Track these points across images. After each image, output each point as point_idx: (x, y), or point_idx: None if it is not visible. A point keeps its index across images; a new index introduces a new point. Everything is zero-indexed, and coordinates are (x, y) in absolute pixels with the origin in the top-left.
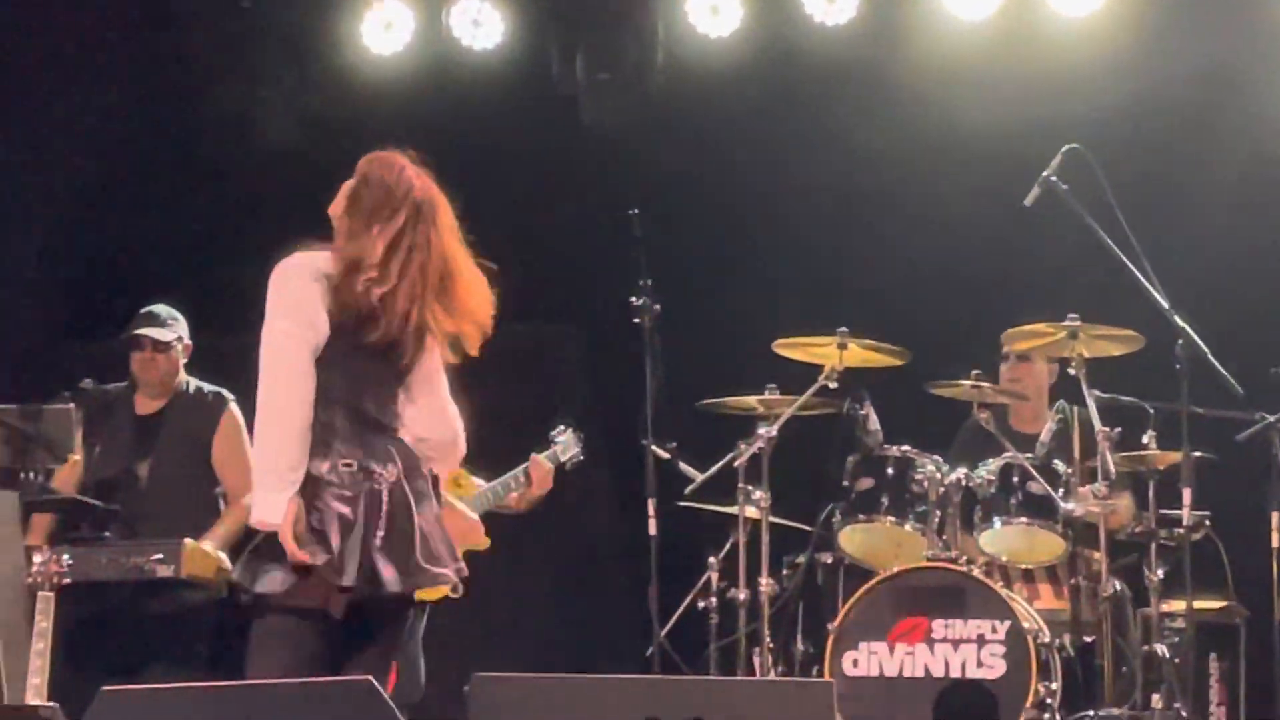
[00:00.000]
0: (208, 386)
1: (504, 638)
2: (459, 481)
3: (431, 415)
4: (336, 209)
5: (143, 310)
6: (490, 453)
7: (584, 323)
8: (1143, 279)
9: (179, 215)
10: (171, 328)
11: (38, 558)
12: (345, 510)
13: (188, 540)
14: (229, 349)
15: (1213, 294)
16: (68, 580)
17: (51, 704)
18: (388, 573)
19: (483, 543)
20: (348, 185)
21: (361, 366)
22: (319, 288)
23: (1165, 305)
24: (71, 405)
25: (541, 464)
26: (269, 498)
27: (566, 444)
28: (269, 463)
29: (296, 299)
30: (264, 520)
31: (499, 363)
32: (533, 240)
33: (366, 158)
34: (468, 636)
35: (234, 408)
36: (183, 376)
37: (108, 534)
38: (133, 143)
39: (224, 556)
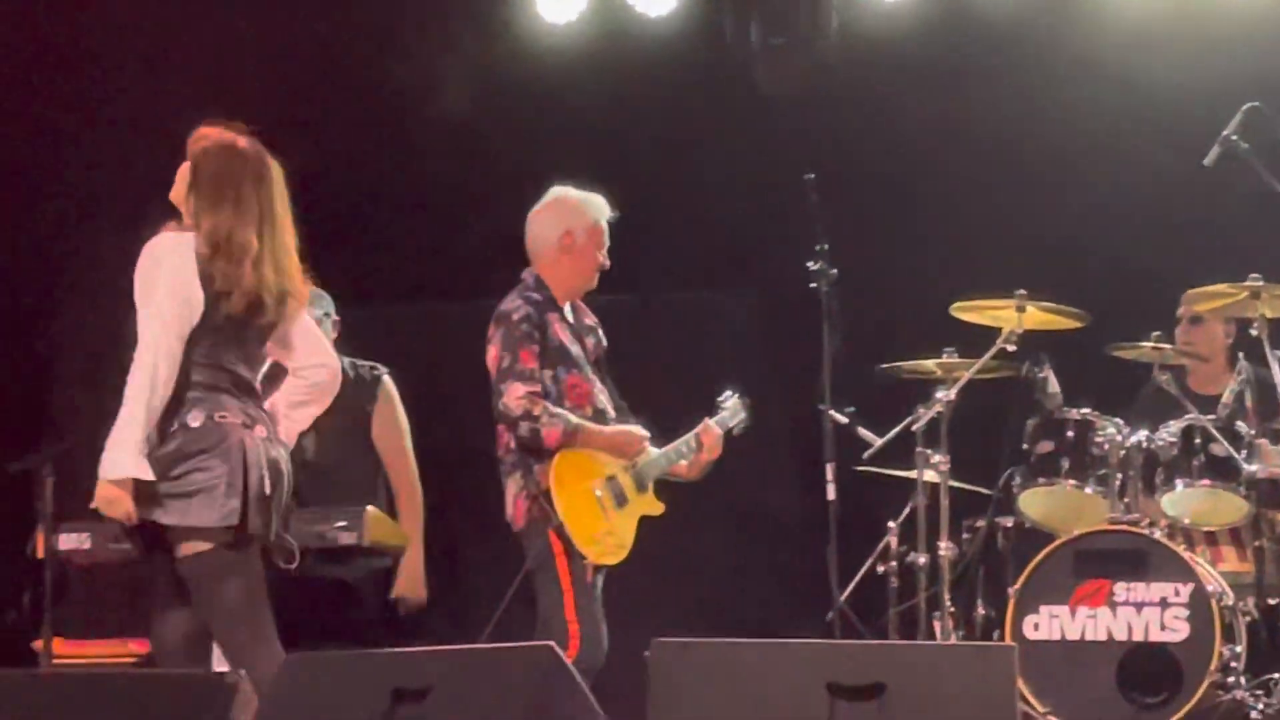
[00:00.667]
0: (361, 362)
1: (683, 603)
2: None
3: (313, 351)
4: (178, 194)
5: None
6: (663, 419)
7: (760, 288)
8: None
9: (355, 185)
10: (318, 304)
11: None
12: (217, 463)
13: (370, 507)
14: (402, 317)
15: None
16: None
17: (238, 670)
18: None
19: (657, 508)
20: (183, 169)
21: (233, 330)
22: (193, 265)
23: None
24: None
25: (712, 429)
26: (131, 458)
27: (734, 409)
28: (131, 431)
29: (175, 278)
30: (127, 476)
31: (674, 329)
32: (708, 206)
33: (195, 136)
34: (647, 602)
35: (388, 381)
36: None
37: None
38: (310, 114)
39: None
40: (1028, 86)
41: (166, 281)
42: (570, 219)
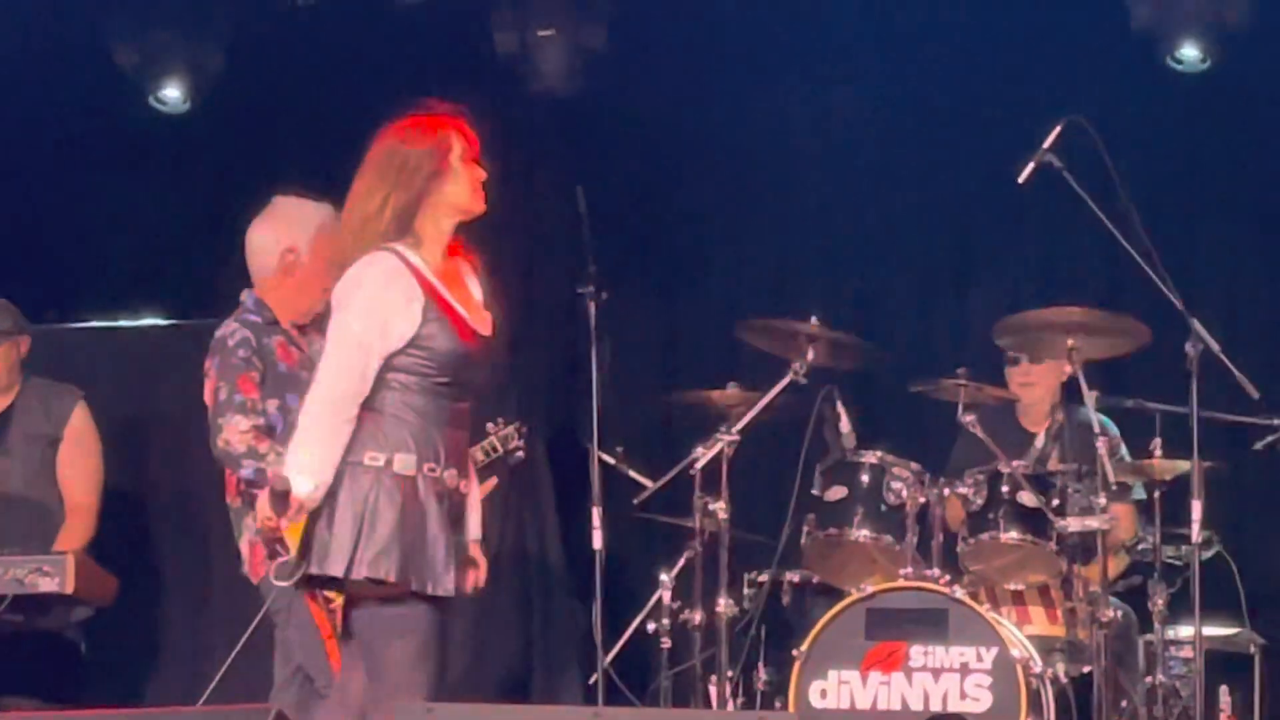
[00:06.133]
0: (54, 383)
1: None
2: None
3: None
4: None
5: None
6: None
7: (514, 311)
8: (1148, 268)
9: None
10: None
11: None
12: None
13: (74, 551)
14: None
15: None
16: None
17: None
18: None
19: None
20: None
21: None
22: None
23: (1176, 299)
24: None
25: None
26: None
27: (508, 438)
28: None
29: None
30: None
31: None
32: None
33: None
34: None
35: (84, 406)
36: (17, 374)
37: None
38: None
39: None
40: (825, 91)
41: None
42: (293, 233)
